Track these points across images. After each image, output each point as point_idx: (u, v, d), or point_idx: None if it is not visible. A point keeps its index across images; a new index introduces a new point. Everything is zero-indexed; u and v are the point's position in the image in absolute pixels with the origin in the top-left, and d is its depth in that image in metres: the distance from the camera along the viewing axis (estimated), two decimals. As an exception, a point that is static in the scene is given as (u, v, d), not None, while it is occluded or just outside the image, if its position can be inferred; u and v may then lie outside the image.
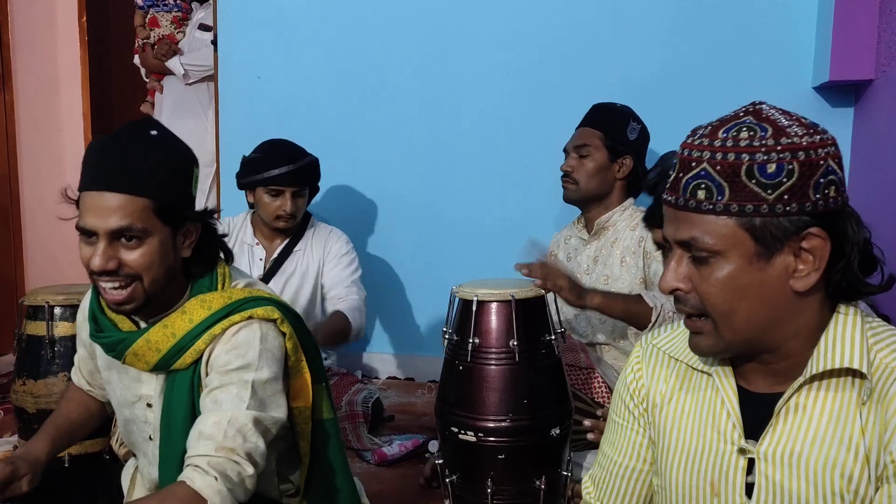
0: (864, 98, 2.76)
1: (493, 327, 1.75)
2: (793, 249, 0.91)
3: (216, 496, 1.21)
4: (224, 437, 1.26)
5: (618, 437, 1.19)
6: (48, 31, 4.35)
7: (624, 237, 2.36)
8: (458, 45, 3.20)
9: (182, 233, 1.35)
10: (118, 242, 1.27)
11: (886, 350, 0.94)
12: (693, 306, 0.98)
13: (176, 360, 1.35)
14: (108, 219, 1.25)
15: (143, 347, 1.34)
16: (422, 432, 2.59)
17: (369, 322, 3.41)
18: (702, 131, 0.96)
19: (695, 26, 2.97)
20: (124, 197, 1.25)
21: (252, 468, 1.27)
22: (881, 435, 0.90)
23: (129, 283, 1.29)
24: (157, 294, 1.33)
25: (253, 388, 1.31)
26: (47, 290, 2.37)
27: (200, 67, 3.85)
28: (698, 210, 0.93)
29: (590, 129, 2.45)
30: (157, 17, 4.00)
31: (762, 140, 0.90)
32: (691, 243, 0.94)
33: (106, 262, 1.26)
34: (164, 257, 1.31)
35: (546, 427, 1.73)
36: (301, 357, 1.44)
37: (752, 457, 0.99)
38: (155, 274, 1.30)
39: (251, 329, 1.35)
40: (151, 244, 1.28)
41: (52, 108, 4.38)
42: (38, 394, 2.23)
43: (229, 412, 1.28)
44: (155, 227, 1.28)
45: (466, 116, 3.22)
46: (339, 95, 3.34)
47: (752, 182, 0.90)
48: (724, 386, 1.03)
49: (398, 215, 3.35)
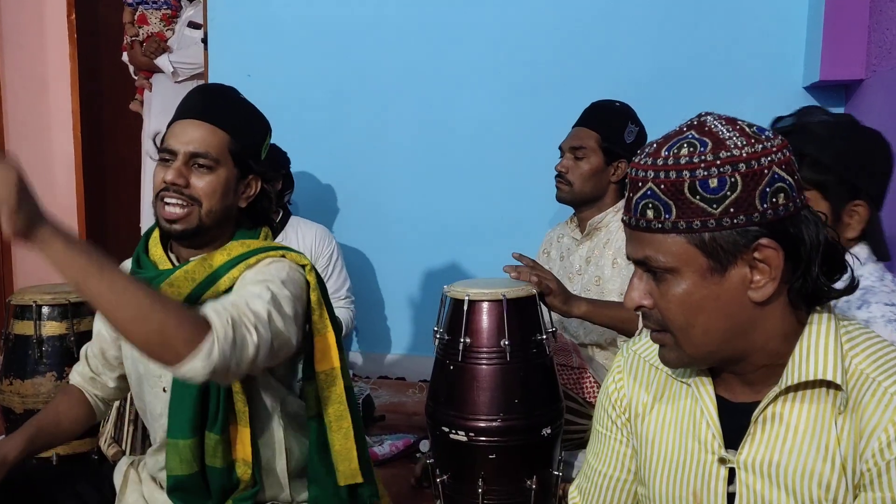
0: (855, 98, 2.77)
1: (484, 327, 1.74)
2: (747, 261, 0.91)
3: (222, 331, 1.16)
4: (235, 308, 1.23)
5: (601, 447, 1.19)
6: (37, 29, 4.32)
7: (616, 238, 2.35)
8: (450, 44, 3.20)
9: (245, 182, 1.47)
10: (192, 167, 1.40)
11: (862, 356, 0.93)
12: (656, 321, 0.98)
13: (209, 290, 1.38)
14: (189, 142, 1.40)
15: (179, 277, 1.39)
16: (413, 432, 2.58)
17: (360, 321, 3.41)
18: (647, 149, 0.95)
19: (686, 26, 2.97)
20: (207, 126, 1.41)
21: (256, 342, 1.22)
22: (856, 443, 0.90)
23: (189, 203, 1.40)
24: (208, 227, 1.42)
25: (273, 295, 1.31)
26: (35, 289, 2.36)
27: (190, 65, 3.83)
28: (649, 229, 0.93)
29: (587, 129, 2.40)
30: (146, 14, 3.97)
31: (701, 155, 0.89)
32: (647, 261, 0.95)
33: (177, 177, 1.38)
34: (225, 193, 1.43)
35: (537, 427, 1.73)
36: (325, 314, 1.46)
37: (733, 466, 0.99)
38: (213, 204, 1.41)
39: (282, 263, 1.42)
40: (219, 176, 1.41)
41: (40, 106, 4.35)
42: (25, 394, 2.22)
43: (250, 298, 1.28)
44: (226, 162, 1.42)
45: (458, 115, 3.21)
46: (331, 94, 3.33)
47: (697, 198, 0.89)
48: (702, 396, 1.03)
49: (388, 214, 3.34)
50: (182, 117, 1.43)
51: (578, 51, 3.06)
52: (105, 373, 1.62)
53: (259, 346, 1.24)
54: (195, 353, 1.13)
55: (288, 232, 2.82)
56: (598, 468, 1.19)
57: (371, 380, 3.25)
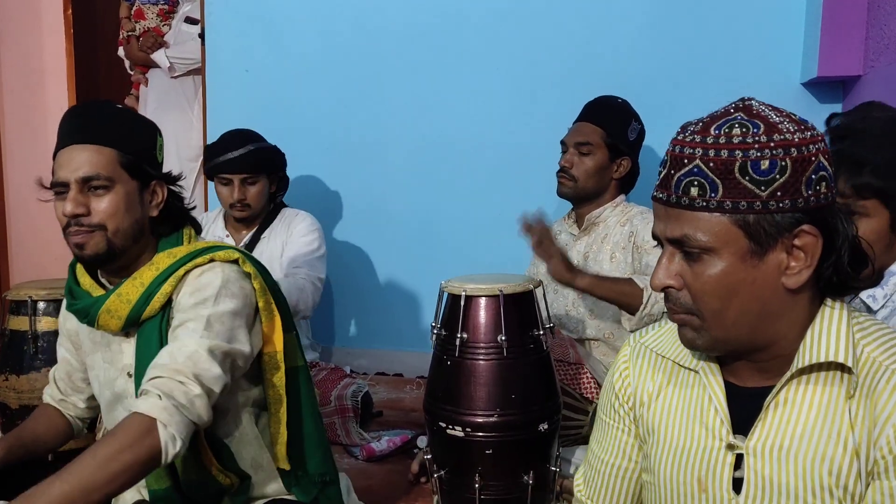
0: (853, 94, 2.77)
1: (481, 322, 1.74)
2: (785, 246, 0.91)
3: (162, 412, 1.23)
4: (173, 362, 1.29)
5: (605, 436, 1.19)
6: (33, 25, 4.30)
7: (614, 233, 2.35)
8: (447, 41, 3.19)
9: (149, 191, 1.43)
10: (87, 192, 1.36)
11: (874, 344, 0.94)
12: (683, 304, 0.97)
13: (145, 308, 1.39)
14: (77, 168, 1.35)
15: (114, 302, 1.39)
16: (410, 428, 2.58)
17: (360, 317, 3.41)
18: (693, 128, 0.95)
19: (683, 22, 2.97)
20: (92, 147, 1.35)
21: (199, 388, 1.28)
22: (870, 430, 0.90)
23: (94, 229, 1.36)
24: (122, 247, 1.39)
25: (208, 321, 1.34)
26: (30, 284, 2.36)
27: (186, 60, 3.82)
28: (691, 207, 0.93)
29: (592, 125, 2.39)
30: (142, 9, 3.96)
31: (755, 136, 0.90)
32: (683, 241, 0.94)
33: (76, 207, 1.34)
34: (129, 209, 1.39)
35: (534, 422, 1.73)
36: (270, 300, 1.47)
37: (741, 452, 0.99)
38: (119, 223, 1.37)
39: (213, 271, 1.40)
40: (118, 193, 1.37)
41: (37, 102, 4.33)
42: (20, 389, 2.22)
43: (182, 342, 1.32)
44: (121, 178, 1.37)
45: (457, 111, 3.20)
46: (328, 90, 3.32)
47: (746, 179, 0.89)
48: (710, 382, 1.03)
49: (386, 210, 3.33)
50: (64, 144, 1.38)
51: (576, 48, 3.06)
52: (73, 395, 1.64)
53: (209, 388, 1.30)
54: (163, 451, 1.21)
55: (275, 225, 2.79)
56: (602, 457, 1.20)
57: (369, 376, 3.25)
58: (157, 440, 1.21)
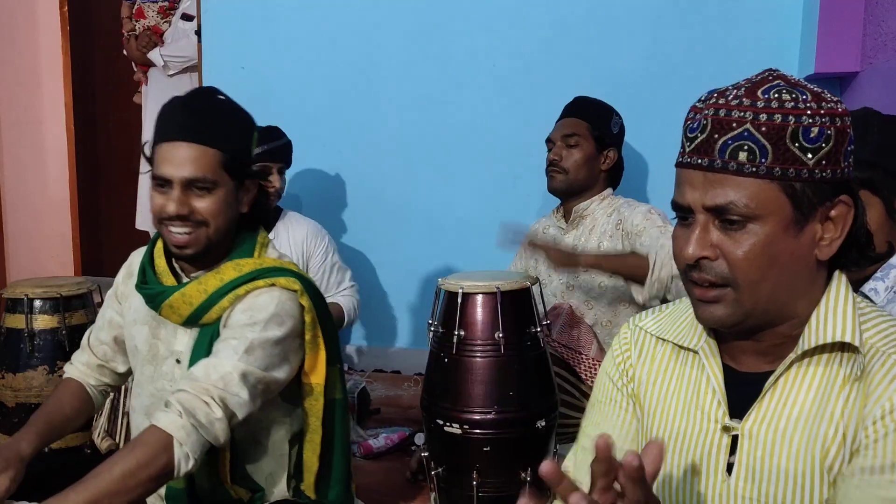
0: (850, 90, 2.77)
1: (478, 319, 1.74)
2: (820, 217, 0.91)
3: (179, 430, 1.26)
4: (206, 379, 1.32)
5: (602, 418, 1.17)
6: (29, 22, 4.29)
7: (601, 223, 2.37)
8: (444, 38, 3.18)
9: (244, 189, 1.47)
10: (190, 191, 1.39)
11: (873, 331, 0.93)
12: (718, 274, 0.93)
13: (204, 315, 1.43)
14: (183, 168, 1.37)
15: (178, 300, 1.42)
16: (408, 425, 2.58)
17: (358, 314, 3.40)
18: (736, 91, 0.92)
19: (680, 18, 2.96)
20: (198, 147, 1.38)
21: (222, 412, 1.30)
22: (860, 411, 0.90)
23: (197, 227, 1.40)
24: (217, 242, 1.44)
25: (251, 345, 1.37)
26: (27, 282, 2.35)
27: (180, 58, 3.79)
28: (739, 172, 0.89)
29: (576, 119, 2.43)
30: (143, 7, 3.94)
31: (806, 103, 0.88)
32: (727, 208, 0.90)
33: (180, 208, 1.38)
34: (228, 208, 1.43)
35: (532, 419, 1.73)
36: (318, 334, 1.49)
37: (736, 434, 0.98)
38: (220, 222, 1.42)
39: (271, 294, 1.43)
40: (219, 194, 1.40)
41: (33, 99, 4.32)
42: (17, 387, 2.21)
43: (219, 360, 1.35)
44: (222, 178, 1.41)
45: (452, 109, 3.20)
46: (325, 87, 3.32)
47: (795, 146, 0.88)
48: (710, 363, 1.02)
49: (383, 207, 3.33)
50: (169, 138, 1.39)
51: (572, 44, 3.05)
52: (116, 358, 1.64)
53: (232, 412, 1.33)
54: (176, 468, 1.26)
55: (279, 229, 2.76)
56: (594, 436, 1.17)
57: (366, 373, 3.25)
58: (171, 457, 1.25)
